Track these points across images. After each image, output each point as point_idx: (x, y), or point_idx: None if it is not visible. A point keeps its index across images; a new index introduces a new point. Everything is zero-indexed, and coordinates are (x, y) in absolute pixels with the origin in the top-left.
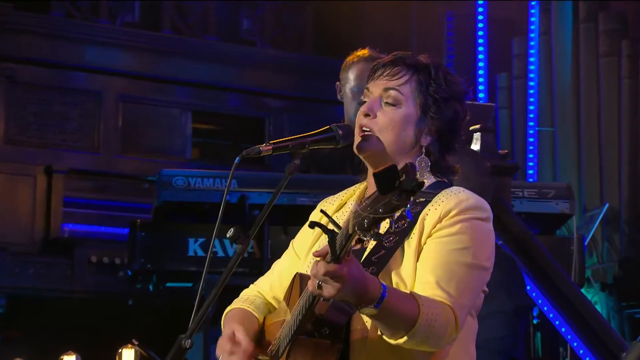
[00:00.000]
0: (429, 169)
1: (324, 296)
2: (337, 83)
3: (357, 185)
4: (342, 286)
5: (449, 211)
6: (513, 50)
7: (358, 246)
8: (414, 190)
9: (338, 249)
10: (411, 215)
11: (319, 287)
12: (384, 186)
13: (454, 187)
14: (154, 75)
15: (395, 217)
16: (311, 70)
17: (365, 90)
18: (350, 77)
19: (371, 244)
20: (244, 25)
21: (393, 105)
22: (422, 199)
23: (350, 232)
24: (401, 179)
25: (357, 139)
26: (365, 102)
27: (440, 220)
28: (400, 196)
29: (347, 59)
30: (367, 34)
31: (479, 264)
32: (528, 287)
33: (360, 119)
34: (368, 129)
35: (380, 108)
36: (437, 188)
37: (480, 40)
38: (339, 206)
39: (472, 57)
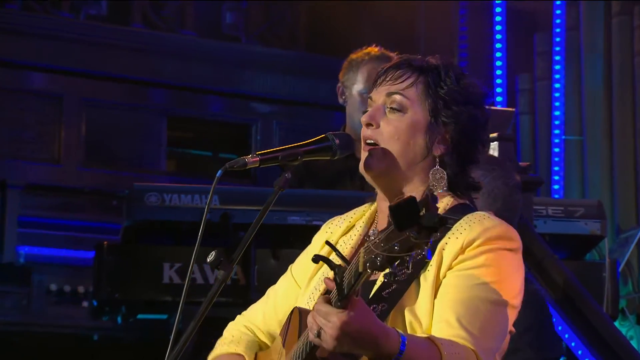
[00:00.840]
0: (445, 183)
1: (324, 347)
2: (339, 85)
3: (366, 205)
4: (343, 338)
5: (473, 240)
6: (536, 47)
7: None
8: (435, 228)
9: (346, 288)
10: (431, 255)
11: (318, 335)
12: (402, 222)
13: (478, 213)
14: (123, 76)
15: (413, 256)
16: (305, 69)
17: (369, 100)
18: (359, 78)
19: (382, 276)
20: (227, 19)
21: (398, 111)
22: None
23: (360, 270)
24: (421, 214)
25: (363, 155)
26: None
27: (462, 250)
28: (419, 233)
29: (352, 57)
30: (367, 30)
31: (507, 301)
32: (553, 320)
33: (363, 131)
34: (372, 141)
35: (384, 116)
36: (458, 212)
37: (498, 37)
38: (347, 229)
39: (488, 56)
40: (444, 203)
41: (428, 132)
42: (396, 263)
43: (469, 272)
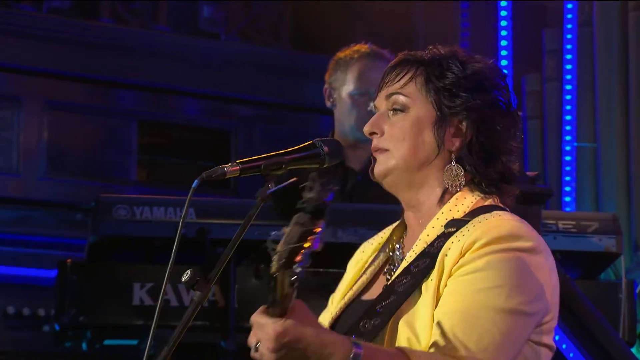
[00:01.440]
0: (462, 181)
1: None
2: (326, 86)
3: (399, 222)
4: (280, 349)
5: (474, 242)
6: (545, 45)
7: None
8: (319, 213)
9: (277, 293)
10: (318, 244)
11: (256, 349)
12: (281, 209)
13: (493, 212)
14: (89, 76)
15: (306, 247)
16: (291, 69)
17: (375, 109)
18: (349, 78)
19: (381, 287)
20: (205, 13)
21: (400, 111)
22: (451, 229)
23: (273, 271)
24: (304, 199)
25: (372, 168)
26: None
27: (462, 254)
28: (305, 221)
29: (340, 55)
30: (360, 26)
31: (516, 307)
32: (564, 346)
33: (372, 144)
34: (382, 148)
35: (388, 120)
36: (477, 214)
37: (504, 33)
38: (378, 246)
39: (493, 54)
40: (465, 204)
41: (436, 127)
42: (297, 257)
43: (468, 278)
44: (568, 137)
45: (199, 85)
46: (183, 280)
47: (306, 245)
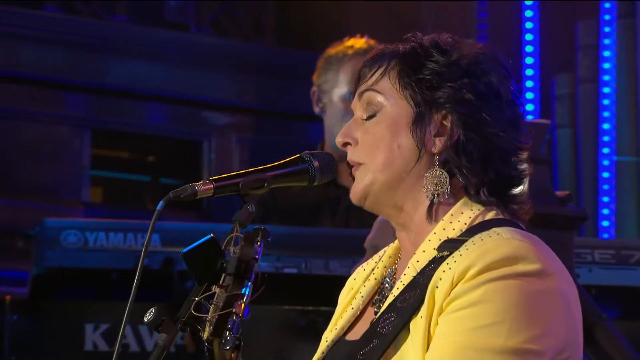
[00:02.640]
0: (447, 188)
1: None
2: (314, 89)
3: (394, 243)
4: None
5: (467, 269)
6: (578, 40)
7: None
8: (242, 275)
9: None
10: (247, 312)
11: None
12: (198, 274)
13: (492, 230)
14: (32, 76)
15: (236, 314)
16: (273, 68)
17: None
18: (342, 80)
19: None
20: (171, 1)
21: (374, 114)
22: (444, 252)
23: (205, 338)
24: (223, 261)
25: (350, 190)
26: None
27: (453, 285)
28: (234, 283)
29: (331, 52)
30: (356, 19)
31: (520, 346)
32: None
33: (347, 157)
34: (356, 162)
35: (362, 127)
36: (474, 231)
37: (529, 25)
38: (369, 274)
39: (516, 51)
40: (462, 220)
41: (414, 126)
42: (229, 325)
43: (460, 314)
44: (606, 150)
45: (164, 88)
46: (145, 320)
47: (234, 311)
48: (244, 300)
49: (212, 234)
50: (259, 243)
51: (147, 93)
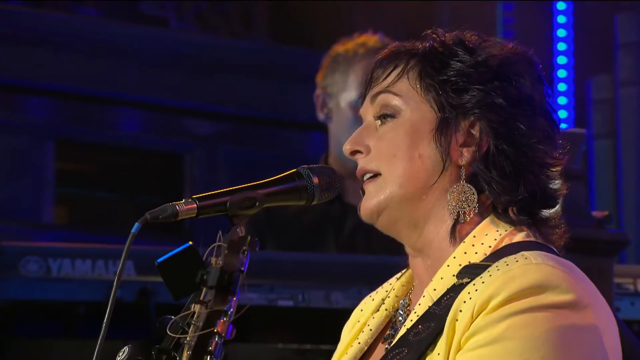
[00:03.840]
0: (475, 206)
1: None
2: (318, 92)
3: (407, 270)
4: None
5: (489, 299)
6: (618, 37)
7: None
8: (226, 287)
9: None
10: (231, 331)
11: None
12: (175, 287)
13: (519, 255)
14: None
15: (218, 333)
16: (267, 69)
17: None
18: (351, 82)
19: None
20: None
21: (389, 117)
22: (465, 279)
23: None
24: (204, 272)
25: (360, 206)
26: None
27: (473, 317)
28: (215, 298)
29: (339, 50)
30: (361, 14)
31: None
32: None
33: (357, 171)
34: (369, 173)
35: (375, 133)
36: (500, 255)
37: (561, 19)
38: (380, 302)
39: (546, 50)
40: (487, 242)
41: (438, 134)
42: (209, 347)
43: (480, 353)
44: None
45: (139, 92)
46: None
47: (216, 331)
48: (228, 318)
49: (190, 242)
50: (245, 253)
51: (119, 98)
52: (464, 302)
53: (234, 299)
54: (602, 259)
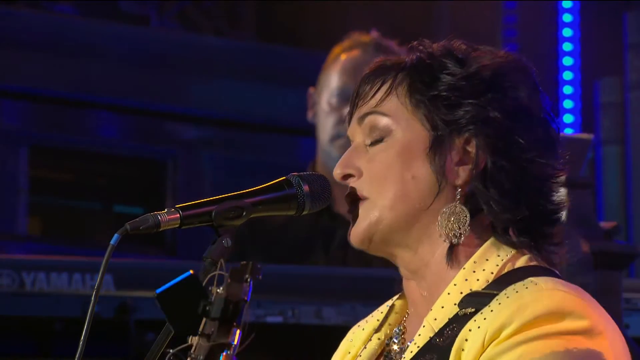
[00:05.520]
0: (466, 228)
1: None
2: (311, 90)
3: (400, 295)
4: None
5: (500, 328)
6: (627, 36)
7: None
8: (229, 319)
9: None
10: None
11: None
12: (174, 319)
13: (527, 281)
14: None
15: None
16: (252, 70)
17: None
18: (332, 78)
19: None
20: None
21: (379, 140)
22: (469, 309)
23: None
24: (206, 302)
25: (349, 233)
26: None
27: (484, 347)
28: (219, 330)
29: (335, 49)
30: (358, 11)
31: None
32: None
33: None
34: (357, 196)
35: (365, 155)
36: (504, 282)
37: (567, 18)
38: (372, 331)
39: (551, 50)
40: (489, 268)
41: (433, 154)
42: None
43: None
44: None
45: (119, 94)
46: None
47: None
48: (232, 351)
49: (191, 270)
50: (247, 281)
51: (97, 101)
52: (470, 330)
53: (238, 330)
54: (610, 273)
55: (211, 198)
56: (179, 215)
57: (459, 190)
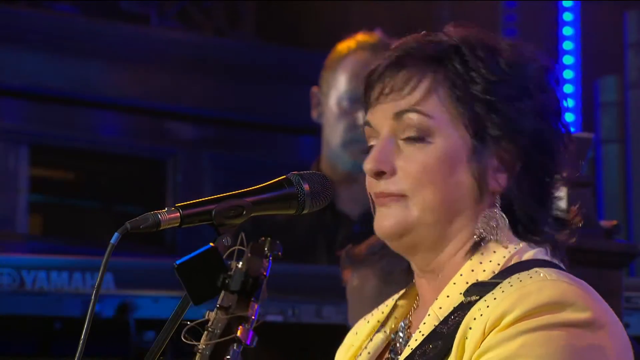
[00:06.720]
0: (497, 232)
1: None
2: (314, 89)
3: (407, 289)
4: None
5: (502, 316)
6: (627, 35)
7: None
8: (247, 291)
9: None
10: (251, 338)
11: None
12: (193, 289)
13: (531, 271)
14: None
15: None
16: (253, 69)
17: (366, 129)
18: (340, 79)
19: None
20: None
21: (418, 140)
22: (473, 297)
23: None
24: (226, 275)
25: (380, 213)
26: (371, 148)
27: (485, 334)
28: (237, 303)
29: (337, 48)
30: (355, 11)
31: None
32: None
33: (371, 186)
34: (396, 194)
35: (399, 152)
36: (509, 273)
37: (568, 17)
38: (378, 324)
39: (551, 49)
40: (495, 260)
41: (474, 161)
42: (228, 357)
43: None
44: None
45: (119, 94)
46: None
47: (237, 337)
48: (250, 325)
49: (212, 243)
50: (267, 257)
51: (98, 100)
52: (474, 319)
53: (257, 306)
54: (610, 272)
55: (211, 197)
56: (179, 214)
57: (497, 196)
